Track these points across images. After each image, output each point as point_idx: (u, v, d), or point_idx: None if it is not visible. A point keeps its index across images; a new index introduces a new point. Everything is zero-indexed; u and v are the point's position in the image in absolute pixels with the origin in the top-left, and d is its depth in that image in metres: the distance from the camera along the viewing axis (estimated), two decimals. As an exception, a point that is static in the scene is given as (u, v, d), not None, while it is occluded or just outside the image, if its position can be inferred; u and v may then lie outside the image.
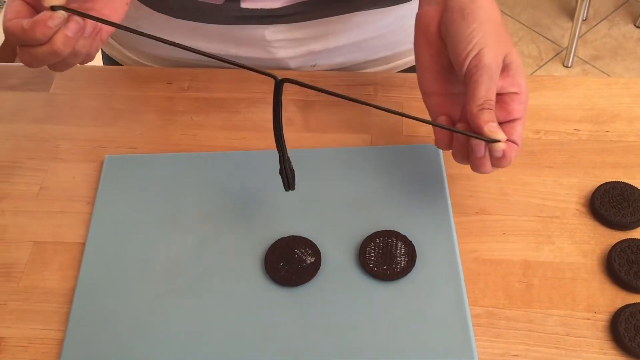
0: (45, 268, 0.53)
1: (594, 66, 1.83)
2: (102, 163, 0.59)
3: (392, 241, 0.53)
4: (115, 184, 0.58)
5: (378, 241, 0.53)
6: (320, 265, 0.52)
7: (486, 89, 0.46)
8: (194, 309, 0.50)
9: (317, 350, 0.48)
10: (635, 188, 0.55)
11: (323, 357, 0.48)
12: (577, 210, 0.55)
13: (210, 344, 0.48)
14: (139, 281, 0.52)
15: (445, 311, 0.49)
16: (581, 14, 1.73)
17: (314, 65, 0.68)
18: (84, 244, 0.54)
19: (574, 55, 1.82)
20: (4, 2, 1.98)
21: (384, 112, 0.62)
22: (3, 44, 1.85)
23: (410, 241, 0.53)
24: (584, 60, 1.85)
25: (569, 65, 1.83)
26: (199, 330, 0.49)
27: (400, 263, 0.51)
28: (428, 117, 0.52)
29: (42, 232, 0.55)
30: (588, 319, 0.49)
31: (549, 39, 1.91)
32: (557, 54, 1.87)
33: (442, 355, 0.47)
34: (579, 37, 1.82)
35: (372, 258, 0.52)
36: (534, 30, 1.93)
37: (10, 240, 0.55)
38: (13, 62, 1.88)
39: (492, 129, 0.46)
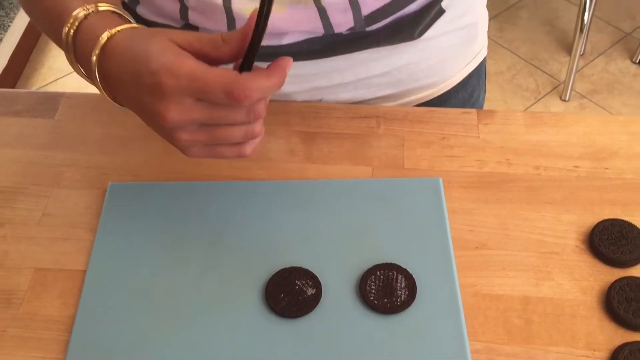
0: (46, 295, 0.53)
1: (591, 100, 1.85)
2: (105, 190, 0.60)
3: (393, 274, 0.53)
4: (117, 211, 0.58)
5: (379, 274, 0.53)
6: (321, 297, 0.52)
7: None
8: (194, 338, 0.50)
9: (317, 384, 0.48)
10: (634, 226, 0.55)
11: (322, 390, 0.47)
12: (577, 246, 0.55)
13: (209, 375, 0.48)
14: (139, 310, 0.52)
15: (445, 346, 0.49)
16: (578, 49, 1.76)
17: (321, 100, 0.69)
18: (85, 272, 0.54)
19: (571, 89, 1.84)
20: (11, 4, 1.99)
21: (385, 144, 0.63)
22: (5, 69, 1.86)
23: (411, 274, 0.53)
24: (581, 95, 1.87)
25: (567, 99, 1.85)
26: (199, 359, 0.49)
27: (401, 296, 0.52)
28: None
29: (43, 258, 0.56)
30: (587, 356, 0.49)
31: (546, 73, 1.93)
32: (555, 88, 1.89)
33: (441, 390, 0.47)
34: (577, 71, 1.84)
35: (373, 291, 0.52)
36: (532, 64, 1.96)
37: (11, 266, 0.55)
38: (21, 74, 1.89)
39: None
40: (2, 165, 0.62)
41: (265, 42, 0.61)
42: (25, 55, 1.99)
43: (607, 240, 0.54)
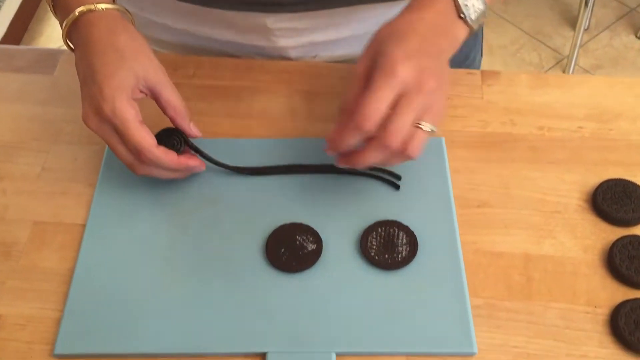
0: (45, 248, 0.53)
1: (594, 75, 1.84)
2: (104, 146, 0.59)
3: (394, 231, 0.53)
4: (117, 167, 0.57)
5: (380, 230, 0.53)
6: (321, 252, 0.52)
7: None
8: (193, 292, 0.50)
9: (317, 337, 0.48)
10: (637, 185, 0.55)
11: (322, 344, 0.47)
12: (579, 206, 0.55)
13: (209, 328, 0.48)
14: (138, 264, 0.52)
15: (445, 301, 0.49)
16: (583, 23, 1.74)
17: (315, 57, 0.68)
18: (84, 226, 0.54)
19: (575, 63, 1.83)
20: None
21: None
22: (3, 38, 1.85)
23: (412, 231, 0.53)
24: (584, 69, 1.85)
25: (570, 74, 1.84)
26: (198, 314, 0.49)
27: (402, 252, 0.51)
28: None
29: (42, 212, 0.55)
30: (588, 312, 0.49)
31: (550, 47, 1.91)
32: (558, 62, 1.87)
33: (441, 345, 0.47)
34: (580, 46, 1.82)
35: (374, 247, 0.52)
36: (536, 38, 1.94)
37: (10, 219, 0.55)
38: (19, 42, 1.88)
39: None
40: (2, 120, 0.62)
41: None
42: (23, 24, 1.97)
43: (610, 200, 0.54)
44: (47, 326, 0.49)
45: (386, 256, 0.51)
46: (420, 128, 0.47)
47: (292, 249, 0.52)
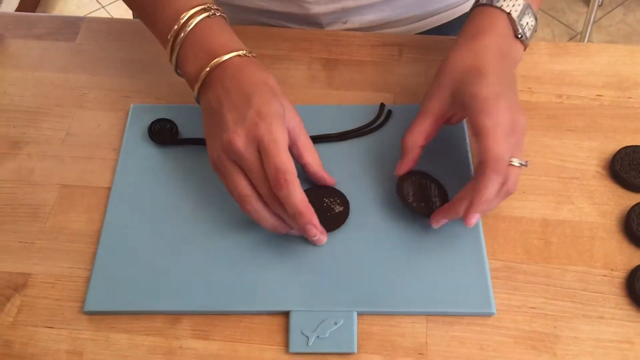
0: (72, 210, 0.54)
1: (613, 44, 1.82)
2: (127, 112, 0.60)
3: (426, 182, 0.53)
4: (140, 132, 0.58)
5: (414, 179, 0.53)
6: (348, 214, 0.53)
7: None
8: (218, 251, 0.51)
9: (339, 297, 0.49)
10: (656, 152, 0.55)
11: (344, 303, 0.49)
12: (597, 172, 0.55)
13: (233, 286, 0.49)
14: (163, 225, 0.53)
15: (465, 263, 0.50)
16: (597, -1, 1.72)
17: (345, 22, 0.68)
18: (109, 189, 0.55)
19: (588, 40, 1.81)
20: None
21: (406, 72, 0.63)
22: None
23: (442, 184, 0.53)
24: (597, 46, 1.84)
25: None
26: (222, 272, 0.50)
27: (436, 203, 0.52)
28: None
29: (68, 176, 0.56)
30: (605, 275, 0.50)
31: (563, 23, 1.90)
32: (572, 38, 1.86)
33: (461, 305, 0.48)
34: (594, 22, 1.81)
35: (411, 194, 0.52)
36: (549, 14, 1.92)
37: (37, 182, 0.56)
38: (35, 10, 1.88)
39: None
40: (25, 87, 0.63)
41: None
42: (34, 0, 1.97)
43: (628, 166, 0.54)
44: (76, 284, 0.50)
45: (422, 204, 0.52)
46: (513, 165, 0.47)
47: (319, 211, 0.52)
